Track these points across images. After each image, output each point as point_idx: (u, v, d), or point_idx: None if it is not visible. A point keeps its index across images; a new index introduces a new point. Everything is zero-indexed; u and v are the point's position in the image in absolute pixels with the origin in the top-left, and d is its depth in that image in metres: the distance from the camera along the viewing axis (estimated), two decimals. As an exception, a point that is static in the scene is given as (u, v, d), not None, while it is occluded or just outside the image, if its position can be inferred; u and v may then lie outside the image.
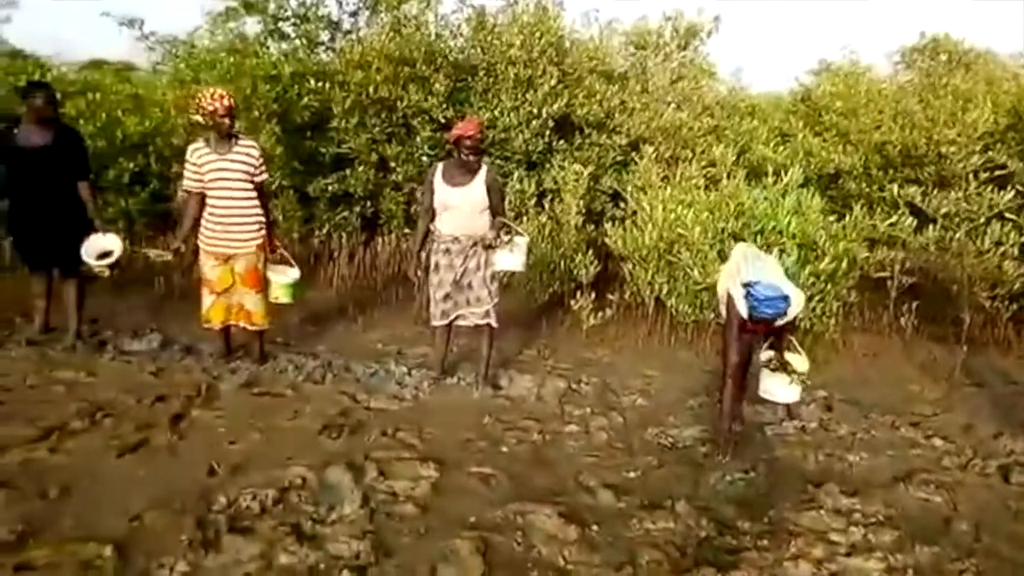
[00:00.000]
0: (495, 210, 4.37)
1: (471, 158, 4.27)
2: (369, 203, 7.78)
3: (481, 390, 4.49)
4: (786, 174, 6.31)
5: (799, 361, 3.86)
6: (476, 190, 4.31)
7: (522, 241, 4.37)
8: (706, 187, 6.42)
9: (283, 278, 4.60)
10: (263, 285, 4.55)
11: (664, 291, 5.48)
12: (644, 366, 5.00)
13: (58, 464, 3.47)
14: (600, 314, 5.36)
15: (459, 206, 4.31)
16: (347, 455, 3.62)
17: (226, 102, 4.26)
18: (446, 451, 3.69)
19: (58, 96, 4.78)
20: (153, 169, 7.46)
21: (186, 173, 4.47)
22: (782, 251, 5.34)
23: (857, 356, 5.26)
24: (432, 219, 4.48)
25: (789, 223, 5.55)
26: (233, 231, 4.44)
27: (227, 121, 4.28)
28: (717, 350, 4.37)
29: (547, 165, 7.72)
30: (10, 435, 3.69)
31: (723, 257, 5.39)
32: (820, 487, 3.38)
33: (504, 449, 3.73)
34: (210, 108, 4.25)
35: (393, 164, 7.59)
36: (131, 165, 7.26)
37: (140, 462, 3.53)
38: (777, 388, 3.82)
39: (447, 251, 4.40)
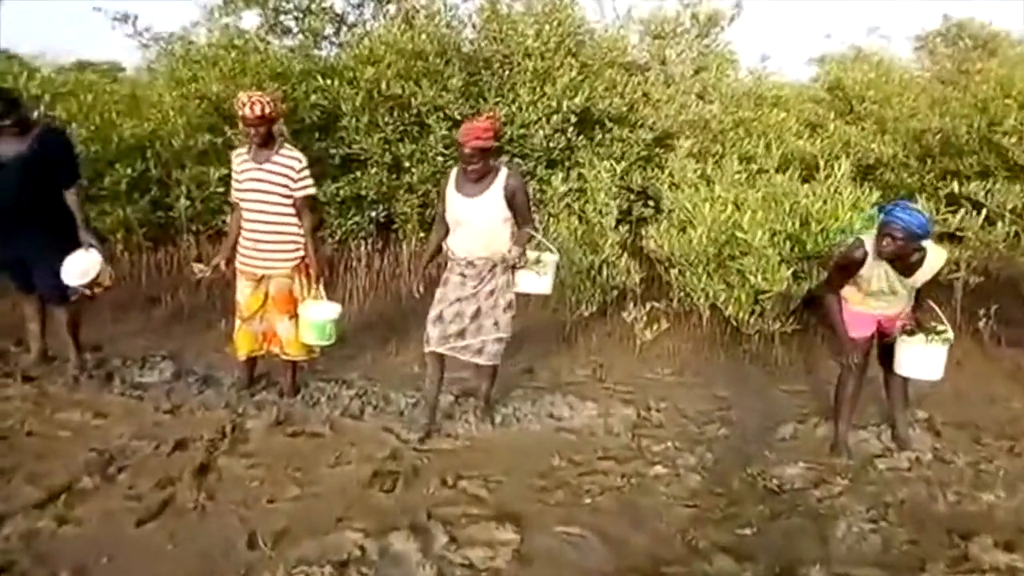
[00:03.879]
0: (521, 220, 3.62)
1: (469, 168, 3.46)
2: (382, 206, 7.13)
3: (478, 427, 3.83)
4: (824, 167, 5.78)
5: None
6: (492, 201, 3.52)
7: (551, 260, 3.67)
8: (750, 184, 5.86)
9: (315, 314, 3.81)
10: (297, 310, 3.89)
11: (721, 299, 4.89)
12: (713, 387, 4.41)
13: (68, 537, 2.86)
14: (655, 326, 4.77)
15: (473, 220, 3.55)
16: (407, 513, 3.02)
17: (257, 109, 3.58)
18: (520, 505, 3.10)
19: (18, 98, 4.09)
20: (152, 175, 6.75)
21: (232, 181, 3.91)
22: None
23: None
24: (446, 232, 3.73)
25: (852, 221, 4.98)
26: (265, 250, 3.81)
27: (257, 129, 3.62)
28: (834, 353, 3.82)
29: (566, 162, 7.15)
30: (9, 499, 3.07)
31: (786, 261, 4.84)
32: (968, 539, 2.82)
33: (587, 500, 3.13)
34: (239, 114, 3.60)
35: (407, 164, 6.92)
36: (129, 171, 6.53)
37: (165, 531, 2.91)
38: (915, 360, 3.37)
39: (462, 275, 3.66)
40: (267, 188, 3.70)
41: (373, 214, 7.07)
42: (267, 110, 3.61)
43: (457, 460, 3.48)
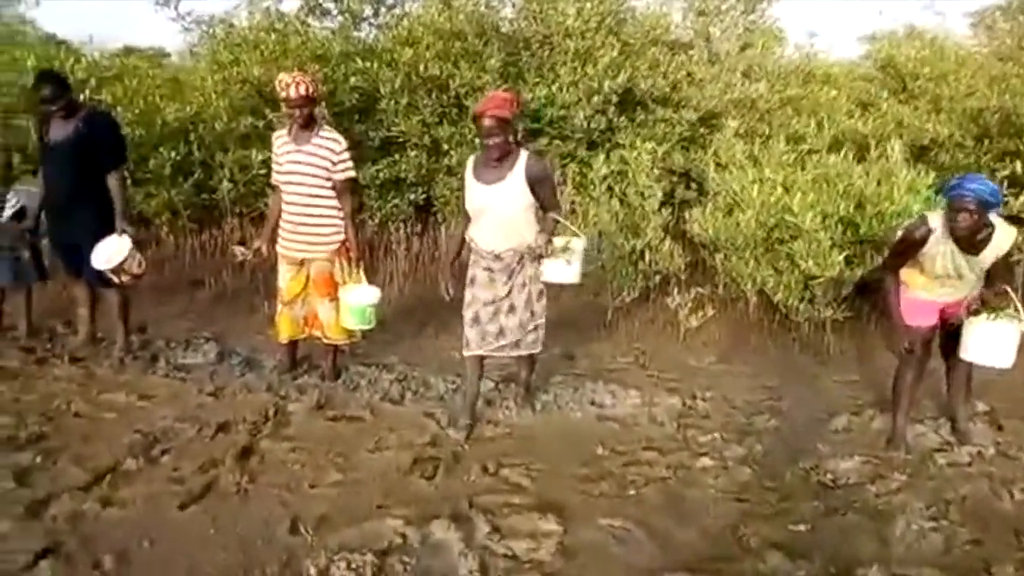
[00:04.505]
0: (545, 205, 3.40)
1: (490, 142, 3.24)
2: (420, 189, 7.06)
3: (519, 414, 3.73)
4: (876, 147, 5.54)
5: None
6: (514, 187, 3.31)
7: (579, 245, 3.40)
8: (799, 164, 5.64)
9: (355, 298, 3.75)
10: (338, 294, 3.84)
11: (770, 284, 4.71)
12: (762, 376, 4.26)
13: (112, 520, 2.85)
14: (700, 313, 4.61)
15: (495, 209, 3.35)
16: (448, 501, 2.96)
17: (301, 89, 3.52)
18: (563, 495, 3.01)
19: (68, 82, 4.07)
20: (195, 158, 6.77)
21: (272, 164, 3.85)
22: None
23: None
24: (469, 223, 3.57)
25: (908, 204, 4.75)
26: (305, 233, 3.75)
27: (299, 111, 3.56)
28: (888, 340, 3.56)
29: (607, 144, 6.99)
30: (56, 479, 3.09)
31: (838, 245, 4.63)
32: (1036, 541, 2.66)
33: (632, 492, 3.03)
34: (281, 95, 3.55)
35: (446, 147, 6.82)
36: (173, 154, 6.56)
37: (207, 514, 2.89)
38: (983, 344, 3.12)
39: (488, 269, 3.48)
40: (307, 171, 3.64)
41: (412, 197, 7.01)
42: (310, 90, 3.56)
43: (498, 447, 3.41)
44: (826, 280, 4.49)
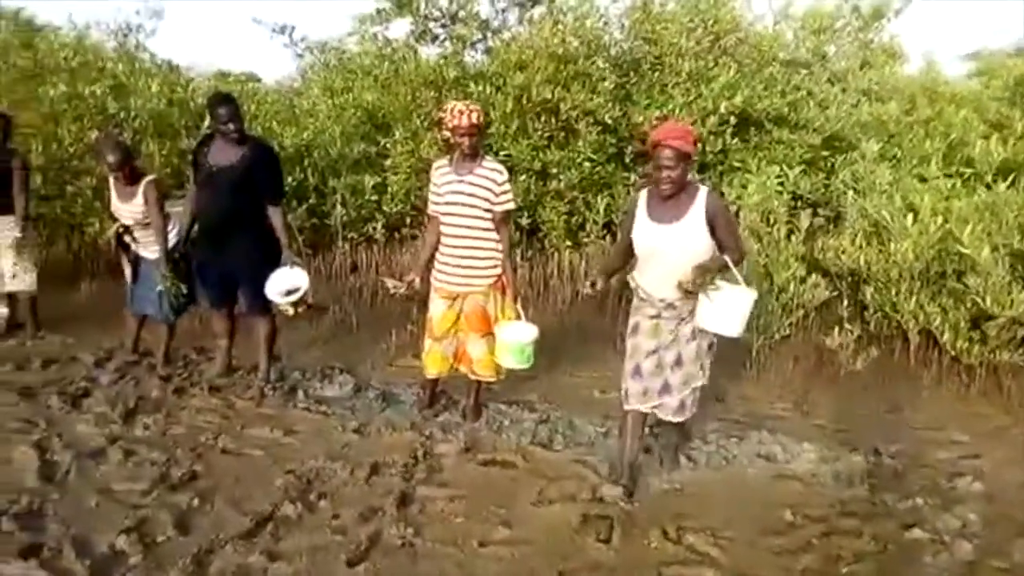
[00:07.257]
0: (724, 245, 2.92)
1: (665, 175, 2.81)
2: (526, 213, 6.81)
3: (668, 475, 3.30)
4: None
5: None
6: (693, 227, 2.88)
7: (750, 298, 2.87)
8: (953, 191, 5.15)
9: (514, 336, 3.47)
10: (491, 329, 3.58)
11: (936, 322, 4.24)
12: (945, 428, 3.77)
13: (281, 576, 2.62)
14: (865, 355, 4.16)
15: (670, 251, 2.92)
16: (636, 572, 2.63)
17: (474, 118, 3.31)
18: (763, 570, 2.65)
19: (243, 110, 3.93)
20: (310, 182, 6.70)
21: (429, 194, 3.62)
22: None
23: None
24: (624, 260, 3.19)
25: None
26: (466, 267, 3.50)
27: (468, 140, 3.34)
28: None
29: (719, 167, 6.61)
30: (215, 526, 2.88)
31: (1015, 280, 4.14)
32: None
33: (844, 569, 2.64)
34: (451, 124, 3.32)
35: (554, 171, 6.57)
36: (288, 179, 6.48)
37: (378, 574, 2.64)
38: None
39: (656, 317, 3.08)
40: (470, 201, 3.40)
41: (520, 221, 6.78)
42: (481, 119, 3.33)
43: (672, 506, 3.06)
44: (1005, 320, 4.01)
